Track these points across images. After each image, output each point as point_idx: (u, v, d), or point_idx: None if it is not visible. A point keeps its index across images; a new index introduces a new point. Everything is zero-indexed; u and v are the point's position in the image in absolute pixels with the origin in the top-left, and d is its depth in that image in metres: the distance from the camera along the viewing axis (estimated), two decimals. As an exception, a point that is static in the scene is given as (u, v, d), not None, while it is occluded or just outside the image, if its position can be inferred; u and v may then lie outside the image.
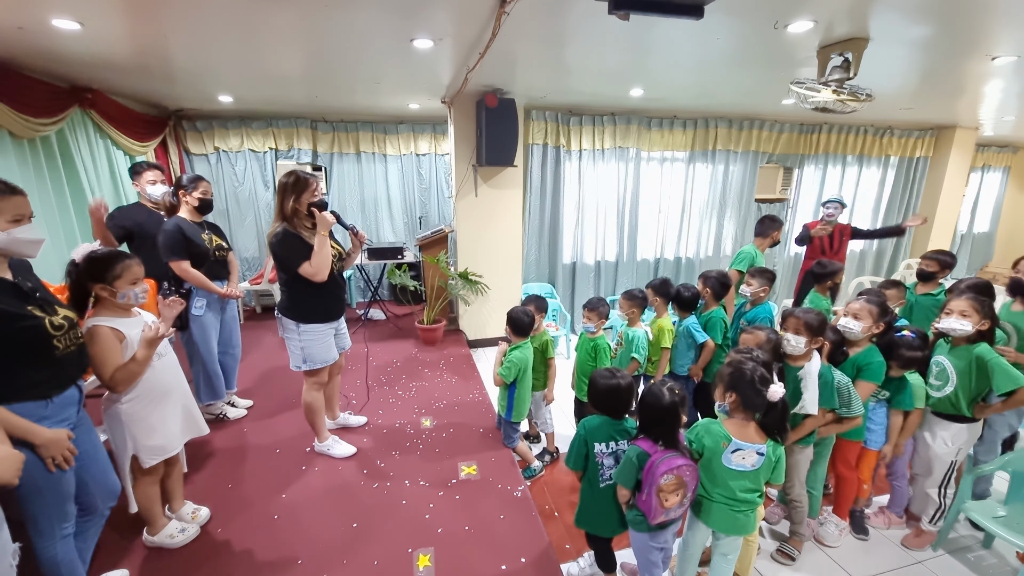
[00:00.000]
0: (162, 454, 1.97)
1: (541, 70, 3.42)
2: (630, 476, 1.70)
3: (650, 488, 1.62)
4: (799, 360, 2.07)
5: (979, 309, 2.09)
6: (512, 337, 2.65)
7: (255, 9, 2.23)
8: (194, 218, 2.89)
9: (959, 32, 2.57)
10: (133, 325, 1.84)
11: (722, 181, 5.63)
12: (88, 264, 1.75)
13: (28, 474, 1.49)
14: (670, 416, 1.67)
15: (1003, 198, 8.12)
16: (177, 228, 2.75)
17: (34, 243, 1.56)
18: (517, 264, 4.91)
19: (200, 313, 2.90)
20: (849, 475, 2.30)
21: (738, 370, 1.67)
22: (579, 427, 1.88)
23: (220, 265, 3.01)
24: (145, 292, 1.87)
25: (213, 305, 2.98)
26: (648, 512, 1.66)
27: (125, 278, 1.78)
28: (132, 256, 1.85)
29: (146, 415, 1.90)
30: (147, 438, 1.91)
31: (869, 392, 2.14)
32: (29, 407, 1.50)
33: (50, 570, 1.64)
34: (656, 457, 1.63)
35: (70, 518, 1.66)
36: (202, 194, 2.88)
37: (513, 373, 2.61)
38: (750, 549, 2.05)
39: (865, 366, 2.12)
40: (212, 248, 2.92)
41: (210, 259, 2.90)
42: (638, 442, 1.71)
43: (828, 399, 2.04)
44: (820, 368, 2.05)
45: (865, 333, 2.13)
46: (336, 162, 5.64)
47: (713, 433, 1.70)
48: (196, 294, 2.87)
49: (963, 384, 2.11)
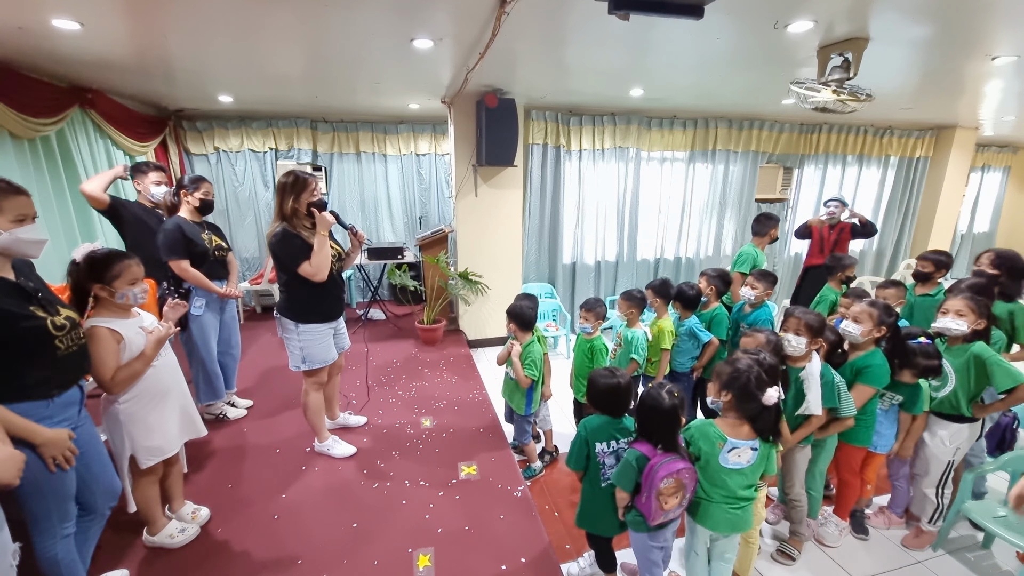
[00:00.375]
0: (160, 455, 1.97)
1: (541, 70, 3.42)
2: (629, 479, 1.70)
3: (650, 491, 1.62)
4: (799, 361, 2.07)
5: (975, 309, 2.08)
6: (519, 334, 2.61)
7: (255, 9, 2.23)
8: (194, 218, 2.90)
9: (959, 32, 2.57)
10: (132, 326, 1.84)
11: (722, 181, 5.63)
12: (88, 264, 1.76)
13: (29, 473, 1.49)
14: (669, 419, 1.66)
15: (1003, 198, 8.13)
16: (177, 227, 2.75)
17: (37, 243, 1.56)
18: (517, 264, 4.91)
19: (199, 313, 2.90)
20: (852, 480, 2.29)
21: (736, 370, 1.65)
22: (580, 427, 1.88)
23: (219, 265, 3.00)
24: (145, 292, 1.87)
25: (212, 305, 2.98)
26: (648, 514, 1.66)
27: (124, 278, 1.78)
28: (131, 256, 1.85)
29: (144, 415, 1.90)
30: (145, 439, 1.91)
31: (867, 396, 2.10)
32: (30, 407, 1.50)
33: (50, 569, 1.64)
34: (656, 461, 1.63)
35: (71, 517, 1.66)
36: (203, 195, 2.90)
37: (539, 369, 2.59)
38: (750, 550, 2.05)
39: (864, 369, 2.10)
40: (212, 248, 2.92)
41: (210, 259, 2.90)
42: (637, 445, 1.71)
43: (829, 398, 2.03)
44: (821, 369, 2.04)
45: (866, 337, 2.11)
46: (336, 162, 5.64)
47: (708, 436, 1.69)
48: (195, 294, 2.87)
49: (962, 383, 2.11)
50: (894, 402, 2.23)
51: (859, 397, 2.09)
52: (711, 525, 1.74)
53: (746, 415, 1.66)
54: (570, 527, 2.40)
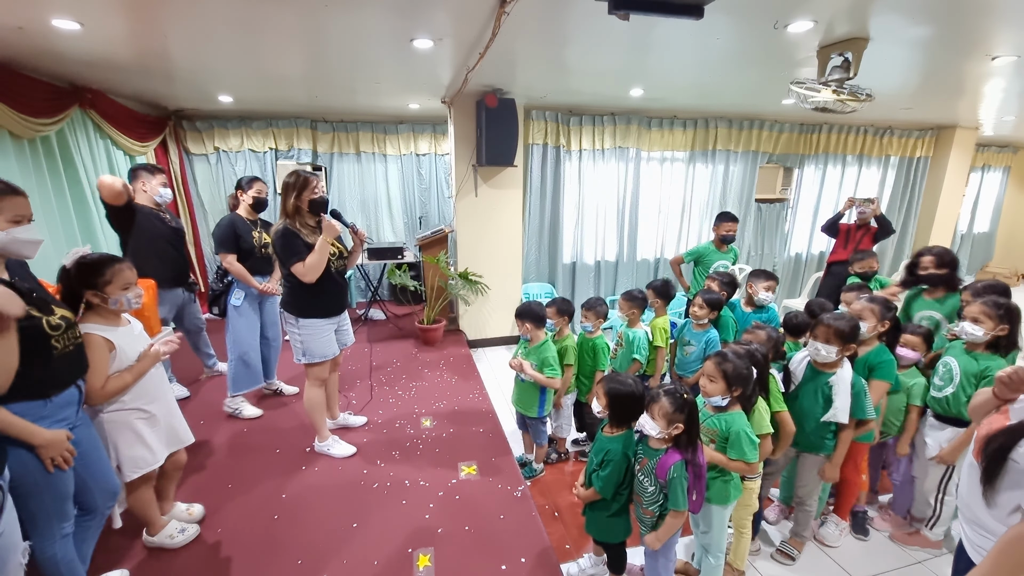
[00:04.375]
0: (144, 466, 1.92)
1: (541, 70, 3.42)
2: (685, 496, 1.65)
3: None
4: (831, 367, 2.04)
5: (992, 315, 2.00)
6: (534, 332, 2.54)
7: (255, 9, 2.23)
8: (249, 215, 3.15)
9: (959, 32, 2.57)
10: (124, 334, 1.81)
11: (722, 181, 5.63)
12: (78, 270, 1.73)
13: (27, 473, 1.50)
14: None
15: (1003, 198, 8.12)
16: (231, 224, 3.01)
17: (33, 243, 1.56)
18: (517, 264, 4.91)
19: (238, 303, 3.11)
20: (854, 478, 2.29)
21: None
22: (625, 450, 1.78)
23: (264, 261, 3.20)
24: (139, 297, 1.83)
25: (251, 299, 3.17)
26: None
27: (116, 283, 1.75)
28: (123, 260, 1.82)
29: (129, 424, 1.86)
30: (128, 448, 1.87)
31: (883, 391, 2.12)
32: (28, 406, 1.50)
33: (49, 570, 1.64)
34: (693, 458, 1.65)
35: (69, 517, 1.66)
36: (256, 193, 3.14)
37: (560, 366, 2.53)
38: (742, 539, 2.06)
39: (877, 365, 2.11)
40: (259, 245, 3.12)
41: (255, 255, 3.10)
42: (672, 459, 1.65)
43: (859, 409, 2.00)
44: (852, 379, 2.00)
45: (871, 332, 2.13)
46: (336, 162, 5.64)
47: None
48: (236, 286, 3.11)
49: (966, 390, 2.07)
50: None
51: (876, 393, 2.09)
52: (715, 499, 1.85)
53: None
54: (570, 527, 2.41)
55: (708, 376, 1.80)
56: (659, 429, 1.63)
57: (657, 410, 1.63)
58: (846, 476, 2.30)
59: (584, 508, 1.93)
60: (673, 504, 1.64)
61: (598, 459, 1.81)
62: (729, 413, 1.81)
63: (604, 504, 1.83)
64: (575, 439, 3.08)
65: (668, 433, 1.62)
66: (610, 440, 1.81)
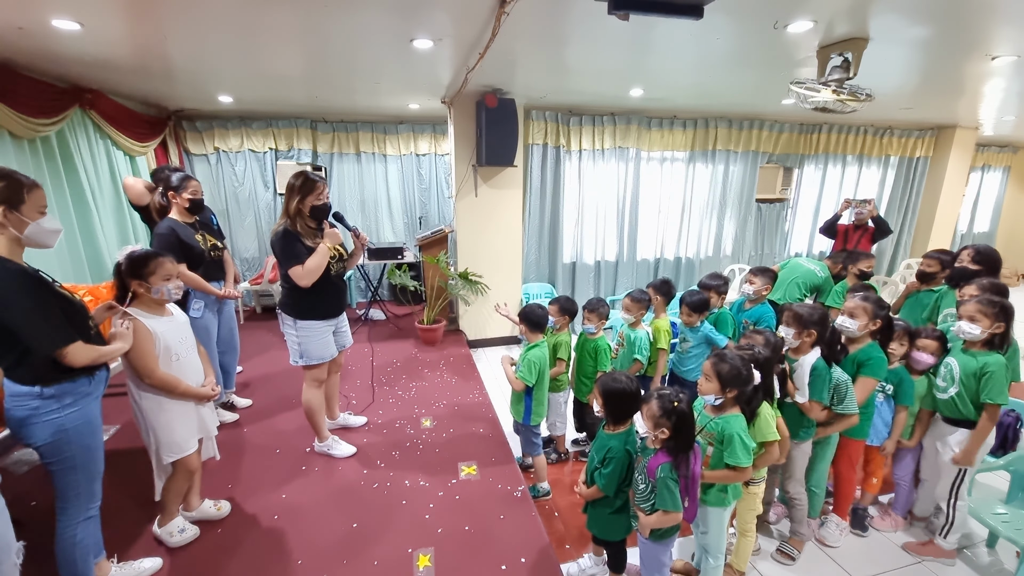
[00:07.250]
0: (179, 451, 2.01)
1: (541, 70, 3.42)
2: (678, 497, 1.65)
3: (692, 491, 1.65)
4: (797, 353, 2.11)
5: (988, 313, 2.02)
6: (529, 335, 2.53)
7: (255, 9, 2.23)
8: (185, 219, 2.83)
9: (959, 32, 2.57)
10: (166, 323, 1.97)
11: (722, 181, 5.63)
12: (128, 263, 1.89)
13: (66, 448, 1.60)
14: (689, 424, 1.67)
15: (1003, 198, 8.12)
16: (171, 231, 2.70)
17: (55, 232, 1.66)
18: (517, 264, 4.91)
19: (198, 315, 2.84)
20: (850, 475, 2.29)
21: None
22: (626, 446, 1.78)
23: (216, 266, 2.99)
24: (179, 288, 1.99)
25: (211, 306, 2.96)
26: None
27: (159, 274, 1.90)
28: (166, 254, 1.97)
29: (165, 408, 1.95)
30: (165, 433, 1.97)
31: (870, 388, 2.13)
32: (77, 384, 1.63)
33: (67, 552, 1.70)
34: (685, 466, 1.64)
35: (98, 498, 1.76)
36: (191, 194, 2.80)
37: (534, 373, 2.46)
38: (746, 541, 2.06)
39: (866, 361, 2.12)
40: (207, 249, 2.89)
41: (206, 260, 2.87)
42: (660, 460, 1.64)
43: (818, 391, 2.03)
44: (815, 362, 2.04)
45: (863, 331, 2.13)
46: (336, 162, 5.64)
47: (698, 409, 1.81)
48: (193, 296, 2.84)
49: (968, 389, 2.08)
50: (887, 392, 2.26)
51: (863, 389, 2.10)
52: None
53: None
54: (570, 527, 2.41)
55: (704, 374, 1.81)
56: (646, 429, 1.68)
57: (646, 411, 1.67)
58: (842, 473, 2.30)
59: (585, 506, 1.94)
60: (661, 504, 1.65)
61: (599, 457, 1.81)
62: (726, 416, 1.80)
63: (607, 501, 1.83)
64: (575, 439, 3.08)
65: (654, 435, 1.65)
66: (611, 437, 1.81)
